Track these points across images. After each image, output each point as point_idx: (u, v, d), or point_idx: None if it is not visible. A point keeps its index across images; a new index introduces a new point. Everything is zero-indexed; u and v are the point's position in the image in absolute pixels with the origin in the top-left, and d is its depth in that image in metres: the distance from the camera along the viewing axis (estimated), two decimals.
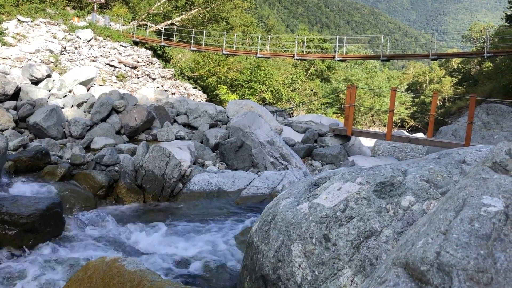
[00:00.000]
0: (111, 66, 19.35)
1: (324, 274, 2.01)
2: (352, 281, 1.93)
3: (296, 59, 26.55)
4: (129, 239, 4.31)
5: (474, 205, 1.24)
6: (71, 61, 17.91)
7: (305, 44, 28.06)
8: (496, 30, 31.42)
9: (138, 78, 19.78)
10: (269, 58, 28.39)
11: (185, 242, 4.18)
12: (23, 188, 5.15)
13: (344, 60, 25.68)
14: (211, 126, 10.52)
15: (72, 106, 10.22)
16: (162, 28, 25.42)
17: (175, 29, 25.60)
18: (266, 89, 33.35)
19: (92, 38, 20.19)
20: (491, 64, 32.41)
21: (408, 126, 40.30)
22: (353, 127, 12.31)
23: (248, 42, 32.09)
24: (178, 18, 27.33)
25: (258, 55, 23.89)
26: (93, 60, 18.90)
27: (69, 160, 6.39)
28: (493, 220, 1.18)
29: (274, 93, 34.00)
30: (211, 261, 3.69)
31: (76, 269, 3.14)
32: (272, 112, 16.78)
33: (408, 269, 1.25)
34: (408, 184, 2.18)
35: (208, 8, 27.92)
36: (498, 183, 1.30)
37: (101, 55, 19.55)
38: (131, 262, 2.40)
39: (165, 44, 23.79)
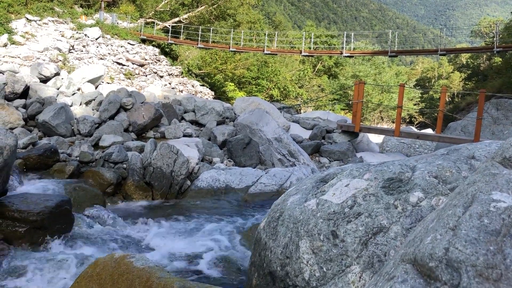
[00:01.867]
0: (119, 64, 19.42)
1: (332, 271, 2.01)
2: (360, 277, 1.92)
3: (304, 56, 26.47)
4: (138, 236, 4.33)
5: (483, 201, 1.23)
6: (79, 59, 17.99)
7: (312, 40, 27.97)
8: (505, 24, 31.07)
9: (146, 75, 19.83)
10: (276, 54, 28.32)
11: (193, 239, 4.19)
12: (32, 185, 5.19)
13: (352, 56, 25.56)
14: (219, 123, 10.54)
15: (80, 104, 10.28)
16: (169, 25, 25.44)
17: (182, 27, 25.61)
18: (274, 86, 33.30)
19: (99, 36, 20.26)
20: (500, 59, 32.07)
21: (417, 122, 40.03)
22: (361, 123, 12.26)
23: (255, 39, 32.04)
24: (185, 16, 27.34)
25: (265, 52, 23.84)
26: (101, 58, 18.97)
27: (78, 158, 6.44)
28: (503, 215, 1.17)
29: (282, 89, 33.94)
30: (219, 257, 3.70)
31: (85, 266, 3.16)
32: (279, 108, 16.76)
33: (417, 265, 1.25)
34: (417, 180, 2.17)
35: (215, 5, 27.90)
36: (507, 179, 1.29)
37: (109, 53, 19.62)
38: (140, 259, 2.42)
39: (172, 42, 23.82)
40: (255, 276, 2.57)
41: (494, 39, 20.96)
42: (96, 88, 12.94)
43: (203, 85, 22.83)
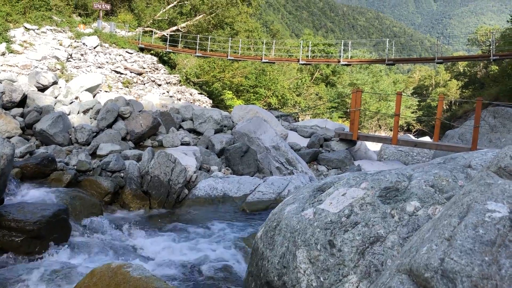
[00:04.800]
0: (117, 72, 19.46)
1: (329, 280, 2.00)
2: (357, 287, 1.92)
3: (301, 64, 26.56)
4: (135, 245, 4.31)
5: (479, 211, 1.24)
6: (77, 68, 18.03)
7: (310, 49, 28.09)
8: (502, 33, 31.29)
9: (144, 84, 19.87)
10: (274, 63, 28.42)
11: (190, 248, 4.18)
12: (29, 194, 5.17)
13: (349, 65, 25.64)
14: (217, 131, 10.54)
15: (78, 113, 10.28)
16: (167, 34, 25.55)
17: (180, 35, 25.71)
18: (272, 94, 33.39)
19: (98, 45, 20.33)
20: (497, 67, 32.26)
21: (414, 130, 40.14)
22: (358, 131, 12.28)
23: (253, 47, 32.18)
24: (183, 24, 27.46)
25: (263, 60, 23.93)
26: (99, 67, 19.01)
27: (75, 167, 6.43)
28: (498, 226, 1.17)
29: (280, 98, 34.04)
30: (216, 267, 3.69)
31: (82, 276, 3.14)
32: (277, 117, 16.80)
33: (412, 276, 1.25)
34: (413, 189, 2.17)
35: (213, 14, 28.04)
36: (502, 189, 1.29)
37: (107, 62, 19.67)
38: (137, 269, 2.41)
39: (171, 50, 23.91)
40: (252, 286, 2.56)
41: (491, 47, 21.07)
42: (94, 96, 12.96)
43: (201, 94, 22.88)
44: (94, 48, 20.11)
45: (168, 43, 23.97)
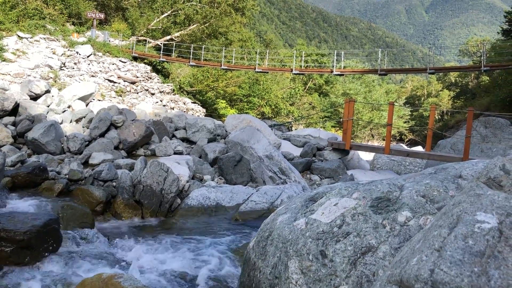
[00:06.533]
0: (110, 81, 19.43)
1: None
2: None
3: (295, 74, 26.68)
4: (126, 255, 4.28)
5: (468, 222, 1.24)
6: (70, 77, 17.98)
7: (303, 58, 28.26)
8: (492, 44, 31.69)
9: (137, 93, 19.85)
10: (267, 72, 28.56)
11: (182, 258, 4.15)
12: (20, 204, 5.13)
13: (342, 75, 25.82)
14: (210, 140, 10.54)
15: (70, 122, 10.24)
16: (161, 43, 25.59)
17: (174, 45, 25.77)
18: (265, 104, 33.50)
19: (91, 54, 20.31)
20: (488, 78, 32.64)
21: (407, 139, 40.38)
22: (351, 141, 12.33)
23: (246, 57, 32.32)
24: (177, 34, 27.53)
25: (257, 69, 24.02)
26: (92, 76, 18.98)
27: (67, 176, 6.39)
28: (487, 237, 1.18)
29: (273, 107, 34.16)
30: (208, 277, 3.67)
31: (72, 286, 3.11)
32: (270, 126, 16.84)
33: (403, 287, 1.25)
34: (405, 199, 2.18)
35: (207, 24, 28.15)
36: (492, 199, 1.30)
37: (100, 71, 19.64)
38: (128, 279, 2.39)
39: (164, 59, 23.94)
40: None
41: (482, 58, 21.32)
42: (86, 105, 12.92)
43: (194, 103, 22.90)
44: (88, 57, 20.09)
45: (161, 52, 24.02)
